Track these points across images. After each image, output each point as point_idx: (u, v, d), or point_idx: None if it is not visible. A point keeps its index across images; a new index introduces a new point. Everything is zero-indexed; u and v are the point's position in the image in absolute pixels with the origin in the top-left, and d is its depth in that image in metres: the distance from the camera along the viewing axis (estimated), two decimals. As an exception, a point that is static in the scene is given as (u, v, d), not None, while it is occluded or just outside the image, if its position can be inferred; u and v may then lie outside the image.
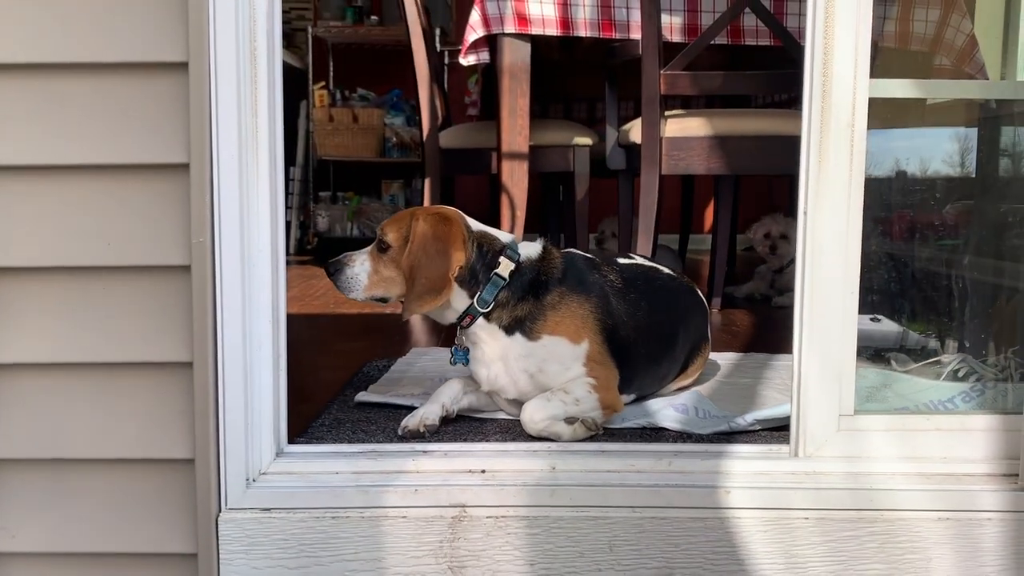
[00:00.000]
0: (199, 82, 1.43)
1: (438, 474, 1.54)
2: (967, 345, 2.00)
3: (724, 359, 2.43)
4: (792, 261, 3.55)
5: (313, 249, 5.57)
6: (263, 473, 1.54)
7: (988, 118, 2.32)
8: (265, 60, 1.49)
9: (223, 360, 1.48)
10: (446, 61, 5.70)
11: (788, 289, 3.50)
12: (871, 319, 1.91)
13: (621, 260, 2.02)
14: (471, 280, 1.79)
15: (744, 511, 1.48)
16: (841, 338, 1.53)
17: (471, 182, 4.33)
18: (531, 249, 1.84)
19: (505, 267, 1.79)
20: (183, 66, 1.43)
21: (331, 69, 5.85)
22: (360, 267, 1.82)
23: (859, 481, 1.51)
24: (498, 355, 1.81)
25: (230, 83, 1.45)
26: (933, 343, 2.09)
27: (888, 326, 2.08)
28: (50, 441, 1.49)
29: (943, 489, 1.50)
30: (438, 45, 5.06)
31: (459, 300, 1.80)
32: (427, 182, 3.39)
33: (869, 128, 1.50)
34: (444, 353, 2.46)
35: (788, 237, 3.56)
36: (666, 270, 2.10)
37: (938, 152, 2.29)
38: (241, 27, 1.46)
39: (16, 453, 1.50)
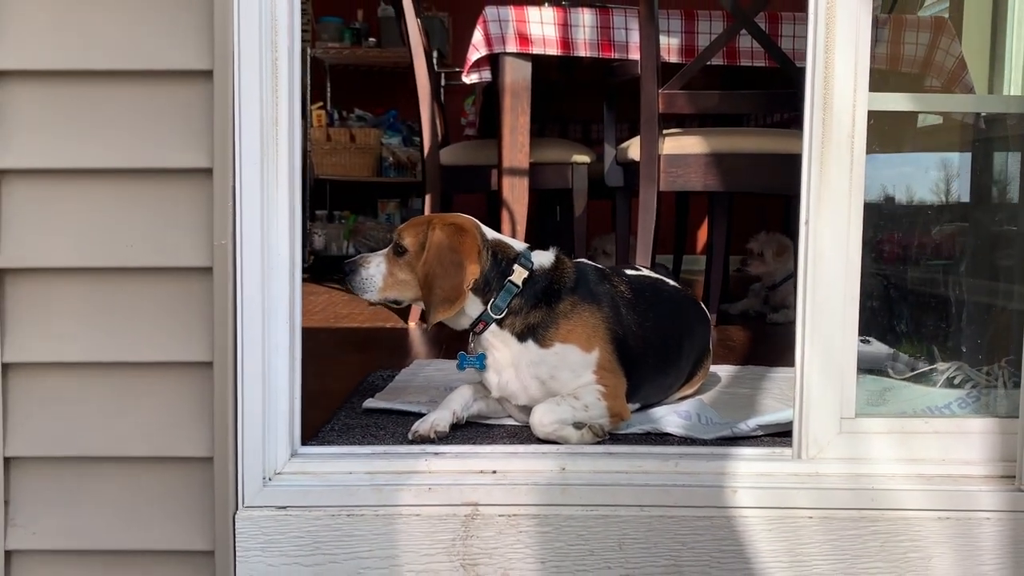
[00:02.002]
0: (223, 90, 1.48)
1: (450, 474, 1.57)
2: (963, 359, 2.05)
3: (723, 371, 2.48)
4: (786, 279, 3.62)
5: (310, 267, 5.60)
6: (279, 472, 1.57)
7: (979, 140, 2.39)
8: (286, 71, 1.54)
9: (242, 361, 1.52)
10: (442, 83, 5.78)
11: (783, 306, 3.56)
12: (862, 341, 1.96)
13: (629, 271, 2.07)
14: (485, 287, 1.83)
15: (749, 510, 1.52)
16: (842, 343, 1.58)
17: (470, 199, 4.38)
18: (544, 258, 1.88)
19: (518, 275, 1.83)
20: (208, 74, 1.48)
21: (329, 90, 5.91)
22: (376, 269, 1.86)
23: (861, 482, 1.55)
24: (509, 362, 1.84)
25: (253, 91, 1.50)
26: (923, 365, 2.13)
27: (878, 348, 2.12)
28: (70, 439, 1.52)
29: (942, 490, 1.54)
30: (435, 67, 5.13)
31: (473, 307, 1.84)
32: (428, 199, 3.44)
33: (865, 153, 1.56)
34: (447, 364, 2.49)
35: (763, 255, 3.63)
36: (671, 282, 2.15)
37: (929, 176, 2.36)
38: (264, 38, 1.51)
39: (38, 451, 1.52)
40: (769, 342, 3.16)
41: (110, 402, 1.52)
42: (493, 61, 3.07)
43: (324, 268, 5.48)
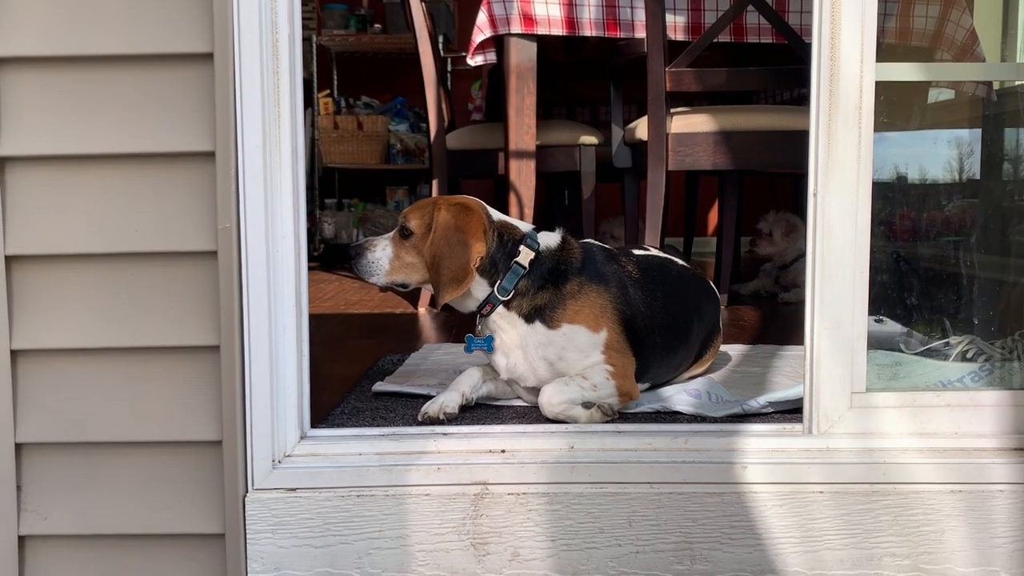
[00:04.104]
0: (224, 72, 1.47)
1: (459, 454, 1.56)
2: (976, 334, 2.03)
3: (734, 350, 2.46)
4: (797, 259, 3.60)
5: (319, 256, 5.61)
6: (288, 455, 1.57)
7: (989, 115, 2.36)
8: (287, 53, 1.53)
9: (249, 344, 1.51)
10: (449, 68, 5.76)
11: (794, 285, 3.54)
12: (875, 320, 1.94)
13: (637, 251, 2.06)
14: (491, 269, 1.82)
15: (760, 486, 1.51)
16: (852, 316, 1.56)
17: (478, 184, 4.37)
18: (550, 239, 1.87)
19: (525, 256, 1.82)
20: (208, 57, 1.47)
21: (335, 77, 5.90)
22: (382, 252, 1.85)
23: (872, 456, 1.54)
24: (517, 343, 1.84)
25: (254, 74, 1.49)
26: (941, 343, 2.12)
27: (892, 327, 2.10)
28: (80, 424, 1.53)
29: (955, 462, 1.52)
30: (442, 52, 5.11)
31: (479, 289, 1.83)
32: (434, 184, 3.43)
33: (875, 131, 1.54)
34: (457, 348, 2.49)
35: (772, 235, 3.62)
36: (680, 261, 2.14)
37: (942, 152, 2.34)
38: (264, 19, 1.50)
39: (48, 437, 1.53)
40: (781, 321, 3.14)
41: (119, 387, 1.53)
42: (498, 43, 3.05)
43: (334, 256, 5.48)
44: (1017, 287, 1.95)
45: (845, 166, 1.53)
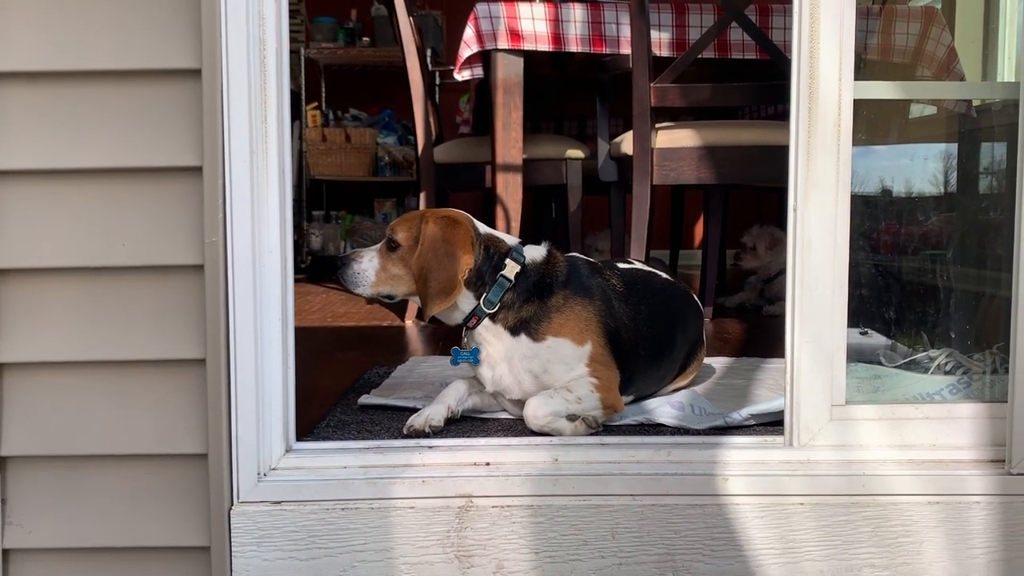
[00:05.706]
0: (212, 88, 1.48)
1: (444, 467, 1.58)
2: (954, 347, 2.05)
3: (718, 363, 2.49)
4: (781, 272, 3.63)
5: (307, 268, 5.61)
6: (273, 468, 1.57)
7: (966, 131, 2.40)
8: (274, 68, 1.55)
9: (235, 357, 1.52)
10: (437, 82, 5.79)
11: (778, 299, 3.57)
12: (860, 332, 1.97)
13: (621, 265, 2.08)
14: (478, 282, 1.84)
15: (741, 498, 1.53)
16: (831, 330, 1.58)
17: (465, 197, 4.39)
18: (536, 252, 1.89)
19: (511, 269, 1.84)
20: (196, 73, 1.49)
21: (323, 90, 5.92)
22: (368, 263, 1.87)
23: (852, 468, 1.56)
24: (503, 356, 1.85)
25: (241, 89, 1.51)
26: (921, 356, 2.14)
27: (877, 339, 2.13)
28: (65, 438, 1.53)
29: (933, 474, 1.55)
30: (430, 65, 5.14)
31: (466, 301, 1.85)
32: (422, 197, 3.45)
33: (855, 146, 1.56)
34: (443, 360, 2.50)
35: (756, 248, 3.65)
36: (663, 275, 2.16)
37: (921, 167, 2.37)
38: (252, 36, 1.51)
39: (32, 450, 1.53)
40: (765, 334, 3.17)
41: (104, 401, 1.53)
42: (485, 58, 3.08)
43: (321, 268, 5.49)
44: (995, 301, 1.98)
45: (824, 182, 1.56)
